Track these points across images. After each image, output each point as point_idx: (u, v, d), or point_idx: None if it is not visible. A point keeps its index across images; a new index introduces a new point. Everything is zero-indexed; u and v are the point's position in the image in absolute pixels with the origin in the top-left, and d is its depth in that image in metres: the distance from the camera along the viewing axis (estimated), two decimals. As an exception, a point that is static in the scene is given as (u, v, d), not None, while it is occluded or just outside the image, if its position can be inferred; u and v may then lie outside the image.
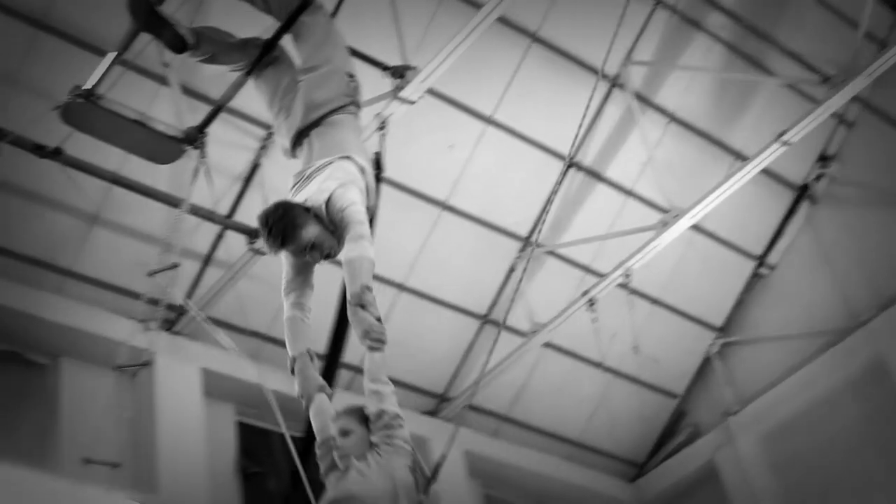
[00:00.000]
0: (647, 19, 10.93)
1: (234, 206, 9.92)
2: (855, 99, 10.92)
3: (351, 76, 5.90)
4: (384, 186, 8.51)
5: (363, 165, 5.42)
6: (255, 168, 9.95)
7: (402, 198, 10.60)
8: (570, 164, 11.30)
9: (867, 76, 9.72)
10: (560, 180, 11.34)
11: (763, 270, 12.68)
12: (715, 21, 11.23)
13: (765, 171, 10.88)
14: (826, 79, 9.89)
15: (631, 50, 10.94)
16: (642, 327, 11.66)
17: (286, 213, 5.11)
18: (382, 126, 8.81)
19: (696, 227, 11.14)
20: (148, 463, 9.35)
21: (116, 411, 9.32)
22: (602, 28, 10.61)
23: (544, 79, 10.75)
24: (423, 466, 4.56)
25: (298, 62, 6.12)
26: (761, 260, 12.66)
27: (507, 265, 11.51)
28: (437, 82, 9.12)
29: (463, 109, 10.58)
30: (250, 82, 6.48)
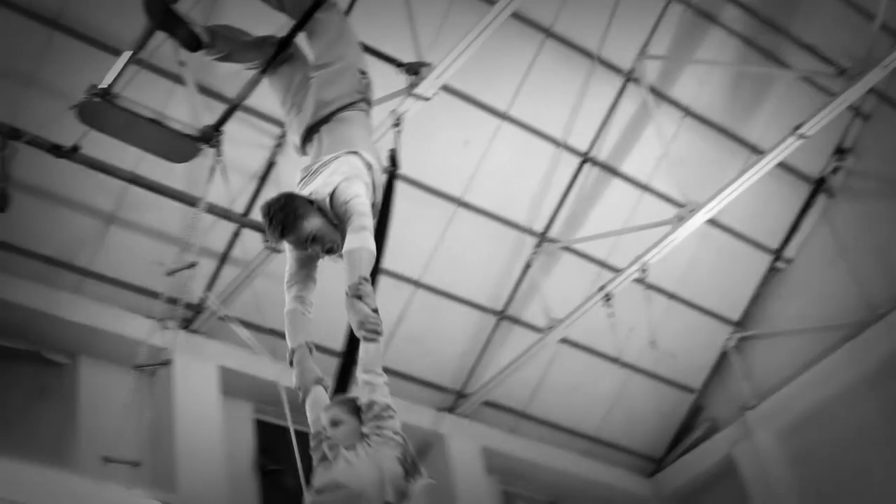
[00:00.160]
0: (662, 13, 10.92)
1: (251, 205, 9.93)
2: (871, 91, 10.90)
3: (363, 73, 5.89)
4: (400, 183, 8.51)
5: (370, 161, 5.41)
6: (270, 166, 9.97)
7: (417, 194, 10.61)
8: (585, 159, 11.30)
9: (883, 68, 9.68)
10: (575, 175, 11.35)
11: (780, 264, 12.64)
12: (730, 14, 11.21)
13: (781, 165, 10.84)
14: (842, 71, 9.86)
15: (646, 44, 10.93)
16: (659, 322, 11.62)
17: (288, 204, 5.12)
18: (397, 123, 8.80)
19: (712, 222, 11.12)
20: (166, 461, 9.38)
21: (135, 410, 9.34)
22: (617, 23, 10.64)
23: (559, 74, 10.73)
24: (414, 458, 4.56)
25: (312, 59, 6.12)
26: (778, 253, 12.62)
27: (522, 261, 11.50)
28: (452, 79, 9.13)
29: (478, 105, 10.57)
30: (265, 80, 6.49)
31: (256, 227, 9.63)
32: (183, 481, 9.26)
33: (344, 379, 5.64)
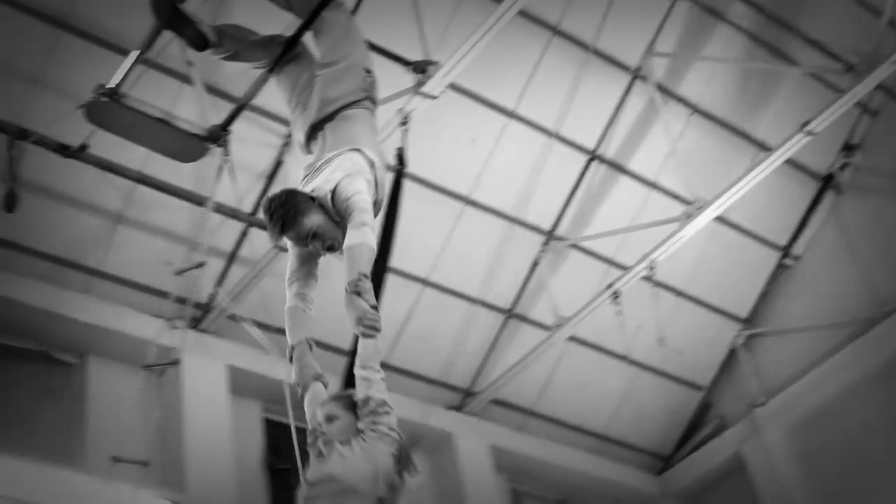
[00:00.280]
0: (669, 10, 10.90)
1: (258, 204, 9.93)
2: (879, 87, 10.84)
3: (368, 71, 5.89)
4: (407, 182, 8.51)
5: (373, 159, 5.40)
6: (278, 165, 9.97)
7: (425, 193, 10.61)
8: (592, 156, 11.29)
9: (891, 64, 9.64)
10: (583, 173, 11.35)
11: (788, 261, 12.62)
12: (736, 11, 11.19)
13: (789, 162, 10.82)
14: (849, 67, 9.84)
15: (652, 42, 10.92)
16: (667, 320, 11.61)
17: (289, 200, 5.13)
18: (405, 121, 8.81)
19: (720, 219, 11.10)
20: (175, 461, 9.39)
21: (143, 410, 9.35)
22: (623, 20, 10.63)
23: (566, 72, 10.73)
24: (409, 454, 4.55)
25: (318, 58, 6.13)
26: (786, 251, 12.60)
27: (530, 259, 11.50)
28: (459, 77, 9.12)
29: (485, 104, 10.57)
30: (272, 79, 6.49)
31: (264, 226, 9.60)
32: (192, 481, 9.27)
33: (352, 377, 5.63)
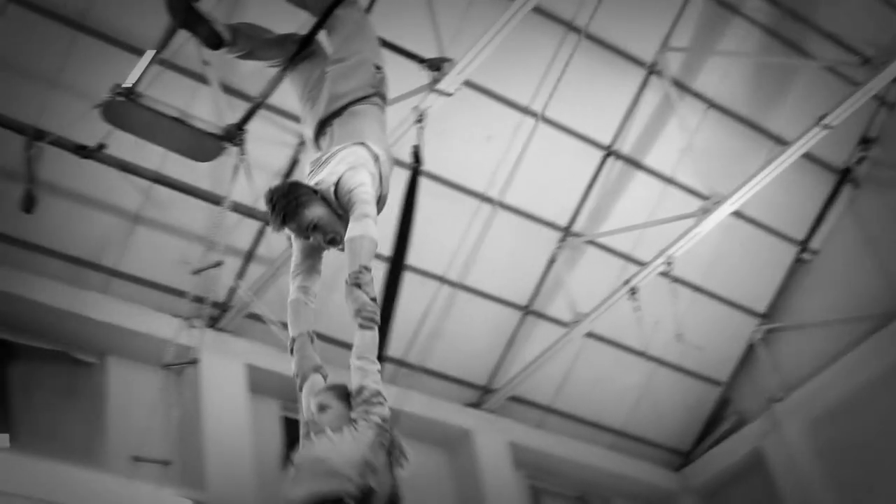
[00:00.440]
0: (683, 5, 10.87)
1: (274, 202, 9.94)
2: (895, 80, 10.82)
3: (378, 68, 5.89)
4: (423, 180, 8.51)
5: (378, 153, 5.39)
6: (294, 164, 9.99)
7: (441, 190, 10.61)
8: (608, 152, 11.28)
9: (908, 56, 9.63)
10: (599, 169, 11.33)
11: (806, 255, 12.57)
12: (752, 4, 11.14)
13: (806, 156, 10.78)
14: (866, 60, 9.81)
15: (667, 37, 10.89)
16: (685, 315, 11.59)
17: (291, 192, 5.15)
18: (420, 119, 8.81)
19: (737, 214, 11.07)
20: (195, 459, 9.42)
21: (163, 409, 9.38)
22: (639, 15, 10.60)
23: (581, 68, 10.66)
24: (400, 446, 4.54)
25: (329, 54, 6.14)
26: (804, 245, 12.56)
27: (547, 255, 11.50)
28: (474, 74, 9.12)
29: (500, 100, 10.56)
30: (286, 77, 6.50)
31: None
32: (212, 479, 9.30)
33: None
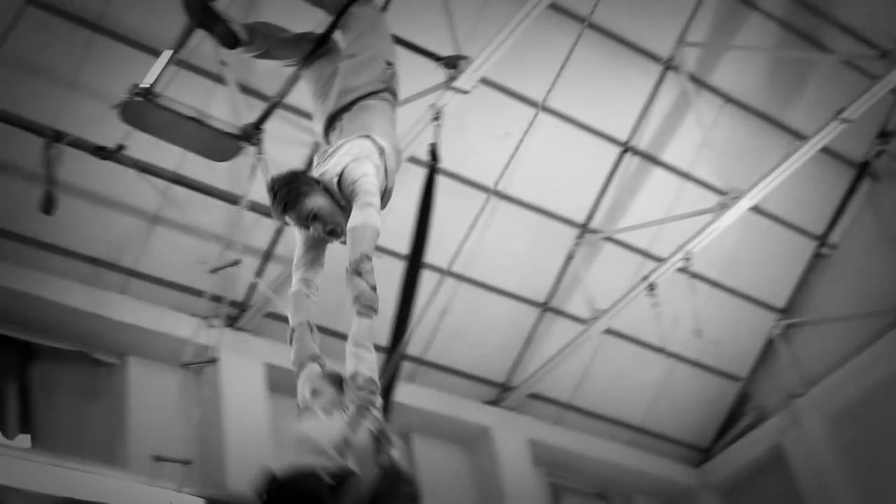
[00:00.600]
0: (700, 0, 10.84)
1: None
2: (914, 73, 10.76)
3: (389, 64, 5.90)
4: (440, 177, 8.51)
5: (383, 146, 5.38)
6: (311, 163, 9.97)
7: (458, 188, 10.61)
8: (625, 148, 11.26)
9: (926, 49, 9.59)
10: (616, 165, 11.31)
11: (825, 250, 12.53)
12: (768, -1, 11.13)
13: (824, 150, 10.73)
14: (884, 53, 9.77)
15: (684, 32, 10.86)
16: (704, 311, 11.54)
17: (292, 181, 5.17)
18: (437, 117, 8.81)
19: (755, 209, 11.01)
20: (216, 459, 9.45)
21: (183, 408, 9.41)
22: (655, 11, 10.58)
23: (597, 64, 10.69)
24: (388, 435, 4.53)
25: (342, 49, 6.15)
26: (823, 239, 12.51)
27: (564, 252, 11.48)
28: (490, 71, 9.12)
29: (516, 97, 10.55)
30: (302, 75, 6.51)
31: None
32: (232, 479, 9.32)
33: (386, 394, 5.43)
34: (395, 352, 8.45)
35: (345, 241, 5.02)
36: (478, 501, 11.20)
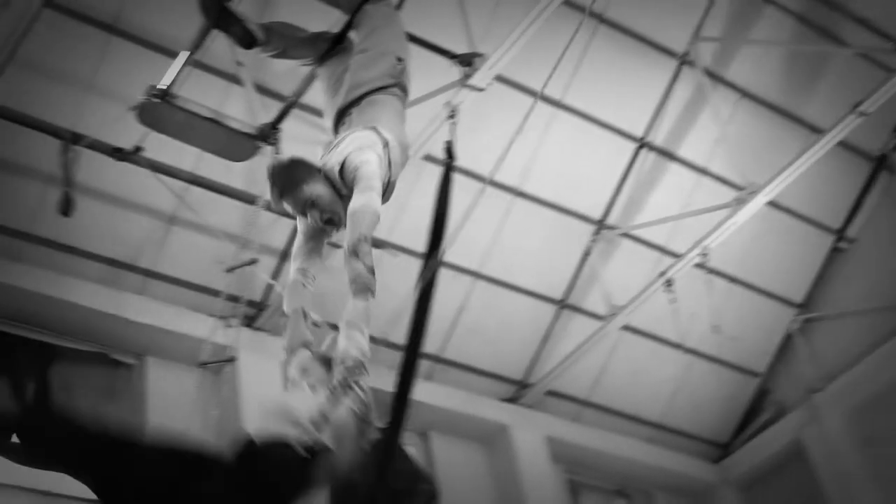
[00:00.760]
0: (715, -5, 10.83)
1: (308, 201, 9.96)
2: (931, 65, 10.70)
3: (399, 59, 5.91)
4: (456, 175, 8.49)
5: (388, 139, 5.39)
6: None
7: (474, 185, 10.57)
8: (641, 144, 11.24)
9: (943, 41, 9.55)
10: (632, 161, 11.29)
11: (842, 244, 12.48)
12: (784, -8, 11.08)
13: (841, 144, 10.70)
14: (900, 46, 9.73)
15: (699, 27, 10.83)
16: (721, 306, 11.52)
17: (291, 167, 5.19)
18: (452, 115, 8.79)
19: (772, 203, 10.98)
20: (235, 458, 9.46)
21: (202, 408, 9.43)
22: (669, 6, 10.56)
23: (613, 60, 10.66)
24: (370, 417, 4.51)
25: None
26: (840, 234, 12.47)
27: (581, 249, 11.47)
28: (505, 68, 9.11)
29: (532, 94, 10.53)
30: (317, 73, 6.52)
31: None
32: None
33: (398, 417, 5.28)
34: (413, 349, 8.46)
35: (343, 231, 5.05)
36: (497, 499, 11.20)
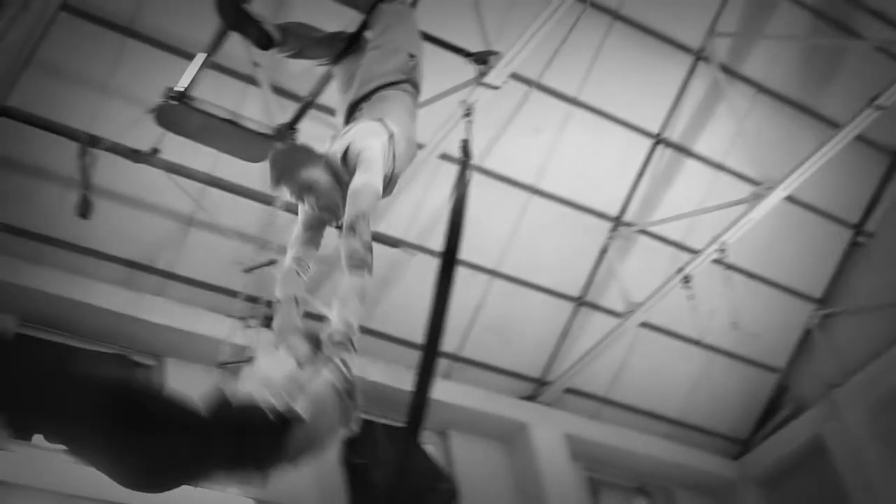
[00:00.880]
0: (730, -10, 10.80)
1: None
2: (948, 57, 10.68)
3: (412, 56, 5.92)
4: (473, 174, 8.49)
5: (393, 131, 5.40)
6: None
7: (490, 183, 10.61)
8: (657, 140, 11.21)
9: (961, 33, 9.50)
10: (648, 157, 11.27)
11: (861, 239, 12.44)
12: (799, -14, 11.05)
13: (858, 138, 10.65)
14: (918, 38, 9.70)
15: (714, 22, 10.80)
16: (740, 302, 11.47)
17: (291, 152, 5.22)
18: (468, 113, 8.78)
19: (790, 198, 10.95)
20: (254, 458, 9.47)
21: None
22: (685, 2, 10.53)
23: (628, 56, 10.65)
24: (356, 399, 4.49)
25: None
26: (859, 228, 12.42)
27: (598, 246, 11.45)
28: (520, 66, 9.10)
29: (547, 92, 10.53)
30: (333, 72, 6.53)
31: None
32: (271, 477, 9.33)
33: (416, 416, 5.28)
34: (431, 348, 8.44)
35: (339, 226, 5.05)
36: (516, 498, 11.19)
